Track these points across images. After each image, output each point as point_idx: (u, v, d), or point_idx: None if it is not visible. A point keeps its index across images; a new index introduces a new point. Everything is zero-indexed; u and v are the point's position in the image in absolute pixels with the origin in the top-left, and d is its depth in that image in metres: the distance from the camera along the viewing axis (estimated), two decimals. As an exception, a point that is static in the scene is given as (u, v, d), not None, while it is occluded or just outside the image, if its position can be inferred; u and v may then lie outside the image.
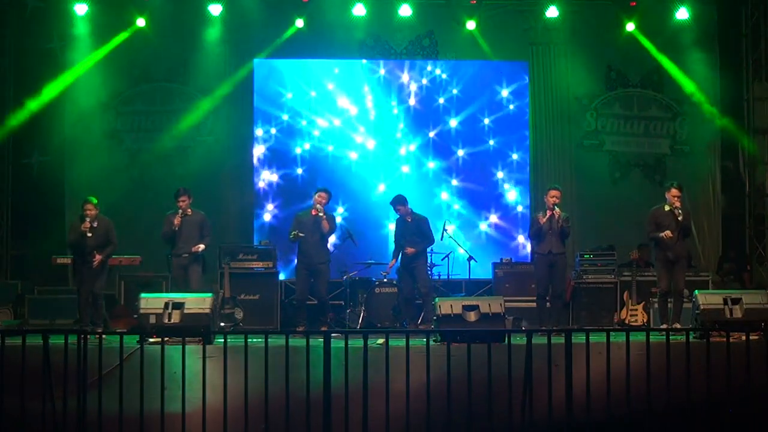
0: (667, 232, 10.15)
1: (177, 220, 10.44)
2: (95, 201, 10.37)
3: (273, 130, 13.87)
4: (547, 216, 10.62)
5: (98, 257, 10.22)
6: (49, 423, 6.99)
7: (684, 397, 7.11)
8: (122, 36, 13.31)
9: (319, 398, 6.89)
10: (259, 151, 13.88)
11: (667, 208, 10.37)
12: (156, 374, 6.97)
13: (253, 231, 13.69)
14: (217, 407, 6.90)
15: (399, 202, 11.38)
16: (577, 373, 6.99)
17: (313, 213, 10.81)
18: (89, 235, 10.23)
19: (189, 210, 10.55)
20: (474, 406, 6.97)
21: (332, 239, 11.59)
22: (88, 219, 10.25)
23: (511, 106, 14.01)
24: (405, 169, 13.94)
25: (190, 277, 10.44)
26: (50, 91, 13.15)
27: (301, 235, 10.79)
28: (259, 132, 13.86)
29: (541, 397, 7.10)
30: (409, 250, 11.12)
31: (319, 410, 6.89)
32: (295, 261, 11.19)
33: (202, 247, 10.49)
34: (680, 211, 10.22)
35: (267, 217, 13.85)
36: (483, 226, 13.91)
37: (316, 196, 10.93)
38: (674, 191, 10.35)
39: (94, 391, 7.02)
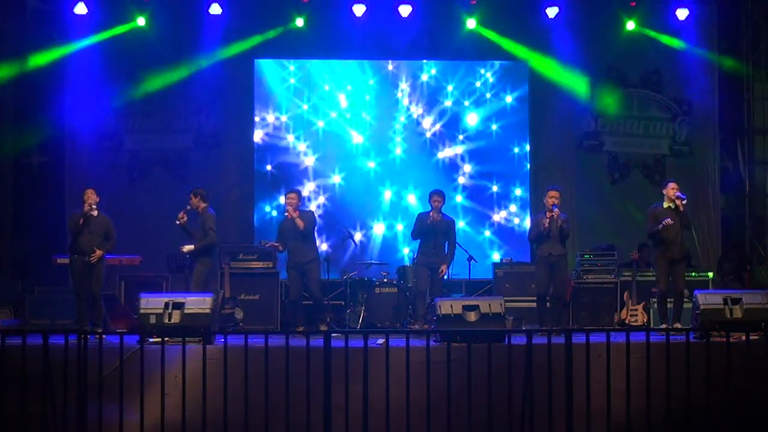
0: (668, 220, 10.17)
1: (181, 215, 10.50)
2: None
3: (274, 129, 13.88)
4: (548, 217, 10.63)
5: (98, 252, 10.23)
6: (49, 423, 7.00)
7: (684, 398, 7.12)
8: (122, 29, 13.30)
9: (319, 398, 6.90)
10: (259, 150, 13.88)
11: (665, 205, 10.39)
12: (156, 376, 6.99)
13: (254, 231, 13.68)
14: (217, 408, 6.91)
15: (443, 195, 11.18)
16: (577, 375, 7.00)
17: (287, 216, 10.82)
18: (94, 213, 10.20)
19: (199, 209, 10.62)
20: (474, 409, 6.98)
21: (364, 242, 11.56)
22: (88, 203, 10.25)
23: (510, 104, 14.02)
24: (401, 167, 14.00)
25: (193, 277, 10.50)
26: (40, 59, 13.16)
27: (275, 245, 10.87)
28: (259, 132, 13.87)
29: (541, 401, 7.12)
30: (444, 269, 11.03)
31: (319, 410, 6.90)
32: (286, 263, 11.19)
33: (186, 248, 10.51)
34: (681, 202, 10.22)
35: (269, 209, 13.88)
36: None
37: (286, 198, 10.97)
38: (672, 184, 10.45)
39: (94, 391, 7.03)
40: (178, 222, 10.48)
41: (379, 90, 14.00)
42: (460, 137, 13.96)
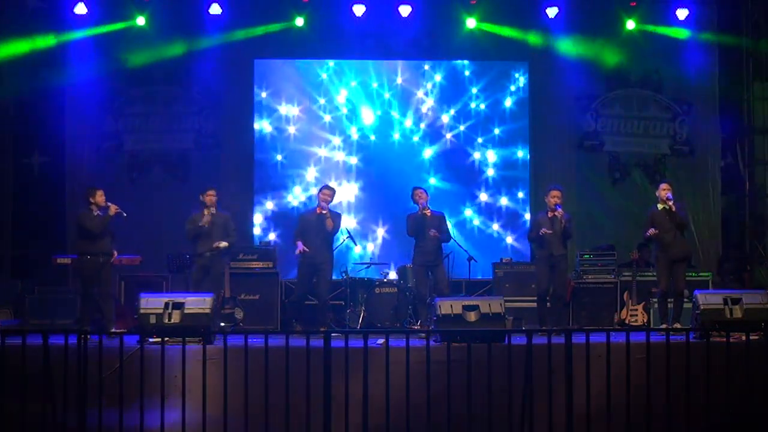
0: (651, 230, 10.24)
1: (209, 217, 10.52)
2: None
3: (273, 129, 13.87)
4: (550, 217, 10.63)
5: (115, 254, 10.35)
6: (49, 423, 7.00)
7: (684, 398, 7.12)
8: (121, 25, 13.31)
9: (319, 398, 6.90)
10: (259, 151, 13.89)
11: (659, 207, 10.41)
12: (156, 376, 6.99)
13: (254, 231, 13.69)
14: (217, 408, 6.91)
15: (424, 190, 11.18)
16: (577, 375, 7.00)
17: (318, 211, 10.79)
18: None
19: (214, 209, 10.67)
20: (474, 409, 6.99)
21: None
22: (110, 204, 10.29)
23: (510, 105, 14.02)
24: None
25: (214, 275, 10.56)
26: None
27: (305, 250, 10.73)
28: (259, 127, 13.85)
29: (541, 402, 7.12)
30: (434, 232, 10.81)
31: (319, 410, 6.91)
32: (299, 258, 11.17)
33: (223, 243, 10.58)
34: (672, 203, 10.24)
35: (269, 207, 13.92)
36: (475, 221, 13.93)
37: (321, 194, 10.91)
38: (663, 185, 10.50)
39: (94, 391, 7.04)
40: (204, 224, 10.50)
41: (406, 89, 13.98)
42: (430, 122, 13.96)
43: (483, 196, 13.94)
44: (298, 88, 13.91)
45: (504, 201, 13.97)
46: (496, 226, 13.92)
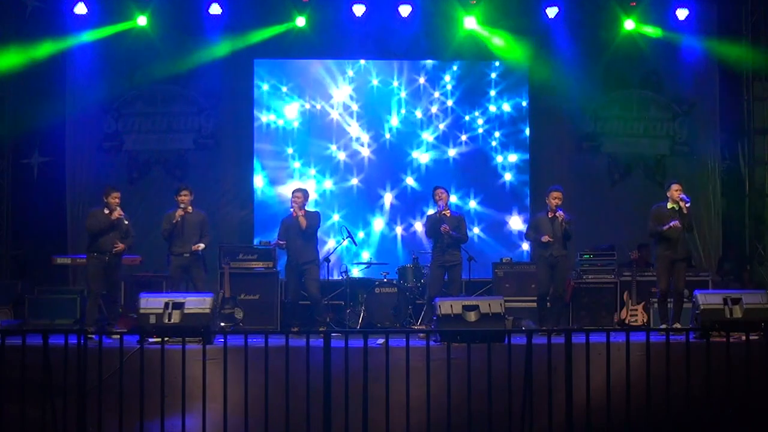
0: (676, 222, 10.16)
1: (180, 214, 10.42)
2: None
3: (273, 126, 13.89)
4: (551, 218, 10.62)
5: (121, 245, 10.23)
6: (49, 423, 7.00)
7: (684, 398, 7.13)
8: (122, 26, 13.32)
9: (319, 398, 6.91)
10: (259, 150, 13.90)
11: (669, 206, 10.38)
12: (156, 377, 6.99)
13: (253, 231, 13.69)
14: (217, 409, 6.92)
15: (445, 189, 11.11)
16: (577, 375, 7.00)
17: (294, 215, 10.83)
18: (126, 222, 10.26)
19: (190, 208, 10.55)
20: (473, 408, 6.99)
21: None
22: (119, 207, 10.26)
23: (510, 107, 14.03)
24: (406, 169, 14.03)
25: (194, 277, 10.48)
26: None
27: (281, 243, 10.84)
28: (266, 120, 13.86)
29: (541, 402, 7.12)
30: (445, 227, 10.66)
31: (319, 410, 6.91)
32: (285, 262, 11.18)
33: (202, 246, 10.49)
34: (686, 204, 10.22)
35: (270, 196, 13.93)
36: (476, 230, 13.93)
37: (293, 198, 10.94)
38: (675, 186, 10.43)
39: (94, 391, 7.04)
40: (176, 220, 10.45)
41: (375, 92, 14.00)
42: (429, 123, 14.01)
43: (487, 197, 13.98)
44: (304, 86, 13.94)
45: (508, 202, 13.98)
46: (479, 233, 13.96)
